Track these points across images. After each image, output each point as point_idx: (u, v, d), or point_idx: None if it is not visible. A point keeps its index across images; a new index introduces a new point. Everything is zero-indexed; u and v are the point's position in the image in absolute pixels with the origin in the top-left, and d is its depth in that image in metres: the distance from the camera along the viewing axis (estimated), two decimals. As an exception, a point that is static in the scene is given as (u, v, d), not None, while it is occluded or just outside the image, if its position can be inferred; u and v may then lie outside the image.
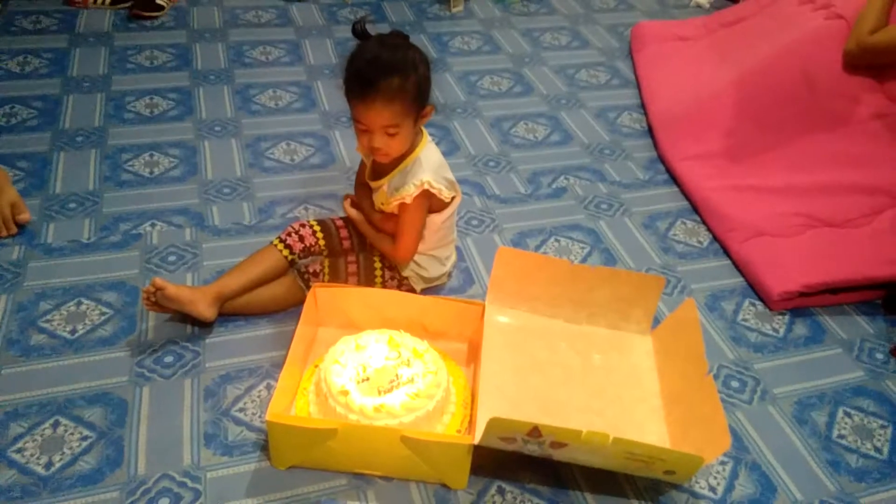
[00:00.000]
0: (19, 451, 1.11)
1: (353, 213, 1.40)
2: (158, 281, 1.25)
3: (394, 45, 1.23)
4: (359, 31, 1.25)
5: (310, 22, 2.50)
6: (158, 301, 1.26)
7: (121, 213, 1.60)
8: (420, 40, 2.44)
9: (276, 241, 1.39)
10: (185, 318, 1.33)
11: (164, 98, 2.01)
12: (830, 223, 1.68)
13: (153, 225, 1.57)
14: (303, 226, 1.41)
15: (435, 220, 1.37)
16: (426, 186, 1.27)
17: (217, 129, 1.91)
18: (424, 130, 1.34)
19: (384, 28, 1.27)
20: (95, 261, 1.47)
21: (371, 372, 1.17)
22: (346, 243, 1.42)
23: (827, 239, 1.64)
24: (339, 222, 1.44)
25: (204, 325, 1.34)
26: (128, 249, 1.50)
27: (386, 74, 1.18)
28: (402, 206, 1.30)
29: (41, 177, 1.68)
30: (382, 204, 1.35)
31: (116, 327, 1.33)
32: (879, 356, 1.46)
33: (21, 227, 1.52)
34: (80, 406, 1.19)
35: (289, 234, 1.39)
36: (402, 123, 1.22)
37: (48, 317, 1.34)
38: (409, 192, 1.27)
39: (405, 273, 1.42)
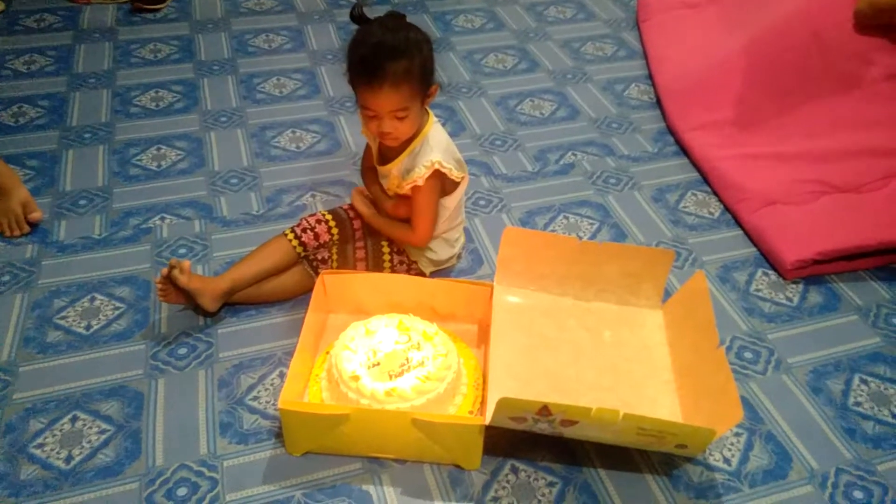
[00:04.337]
0: (39, 446, 1.14)
1: (364, 209, 1.39)
2: (176, 262, 1.26)
3: (396, 28, 1.22)
4: (357, 16, 1.24)
5: (311, 7, 2.49)
6: (174, 278, 1.26)
7: (130, 207, 1.61)
8: (423, 20, 2.42)
9: (289, 235, 1.37)
10: (197, 308, 1.34)
11: (169, 91, 2.02)
12: (844, 188, 1.65)
13: (163, 218, 1.58)
14: (319, 222, 1.39)
15: (446, 203, 1.37)
16: (437, 167, 1.27)
17: (223, 119, 1.91)
18: (430, 111, 1.33)
19: (387, 9, 1.25)
20: (107, 256, 1.48)
21: (381, 356, 1.17)
22: (359, 233, 1.42)
23: (841, 205, 1.61)
24: (353, 212, 1.43)
25: (215, 316, 1.35)
26: (139, 244, 1.52)
27: (392, 58, 1.17)
28: (415, 188, 1.29)
29: (51, 175, 1.69)
30: (397, 188, 1.34)
31: (130, 321, 1.35)
32: (896, 321, 1.44)
33: (33, 225, 1.54)
34: (97, 400, 1.21)
35: (304, 231, 1.37)
36: (411, 106, 1.22)
37: (63, 313, 1.36)
38: (421, 173, 1.27)
39: (414, 257, 1.42)
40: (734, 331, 1.40)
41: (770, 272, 1.54)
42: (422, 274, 1.43)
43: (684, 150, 1.89)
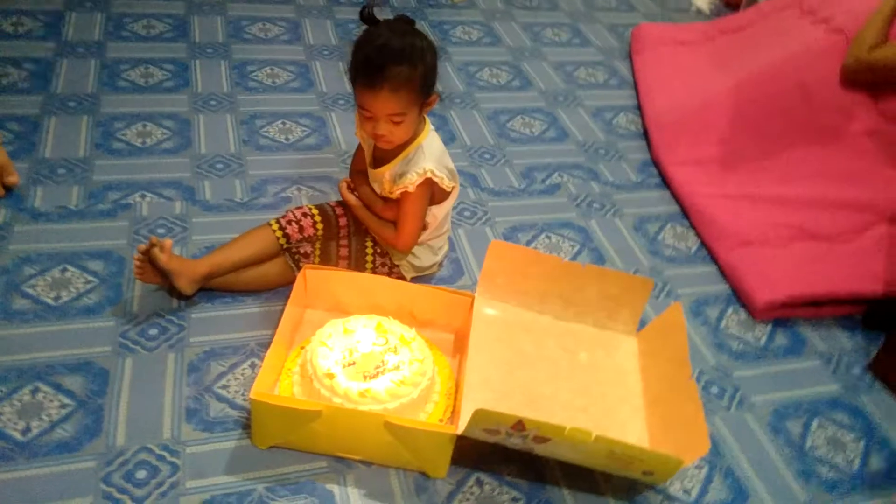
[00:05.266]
0: (-3, 415, 1.10)
1: (351, 198, 1.38)
2: (156, 240, 1.24)
3: (402, 32, 1.22)
4: (366, 16, 1.25)
5: (311, 1, 2.47)
6: (153, 256, 1.23)
7: (111, 181, 1.58)
8: (421, 28, 2.42)
9: (273, 225, 1.36)
10: (172, 290, 1.31)
11: (159, 68, 1.98)
12: (817, 236, 1.69)
13: (143, 196, 1.55)
14: (305, 215, 1.38)
15: (436, 212, 1.37)
16: (429, 175, 1.27)
17: (212, 103, 1.89)
18: (427, 118, 1.33)
19: (386, 13, 1.26)
20: (83, 228, 1.45)
21: (358, 356, 1.17)
22: (343, 231, 1.41)
23: (813, 252, 1.66)
24: (339, 210, 1.42)
25: (190, 299, 1.33)
26: (116, 219, 1.49)
27: (394, 62, 1.17)
28: (405, 194, 1.29)
29: (31, 140, 1.65)
30: (389, 193, 1.34)
31: (101, 296, 1.32)
32: (856, 371, 1.48)
33: (8, 189, 1.50)
34: (60, 373, 1.18)
35: (289, 222, 1.36)
36: (408, 112, 1.22)
37: (32, 282, 1.32)
38: (412, 180, 1.27)
39: (397, 260, 1.41)
40: (702, 364, 1.43)
41: (741, 311, 1.57)
42: (402, 278, 1.43)
43: (667, 183, 1.93)
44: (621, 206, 1.81)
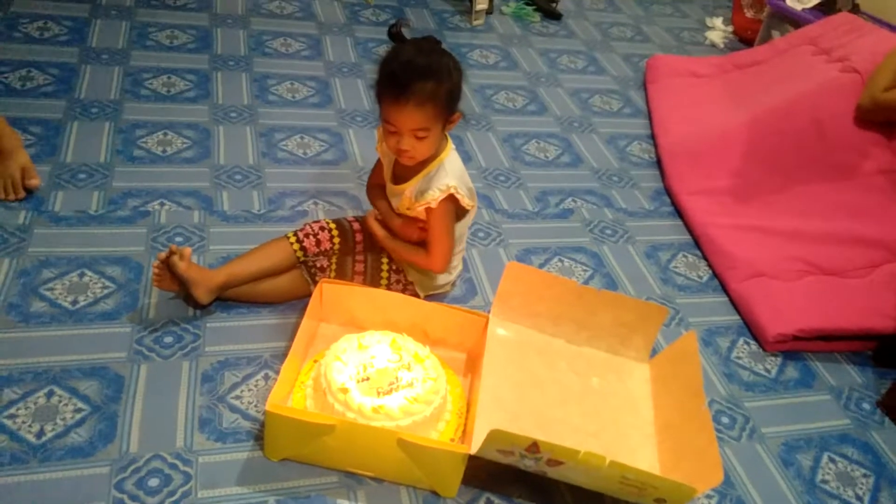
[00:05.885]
0: (11, 417, 1.10)
1: (380, 231, 1.39)
2: (176, 248, 1.25)
3: (429, 50, 1.24)
4: (394, 34, 1.26)
5: (332, 19, 2.50)
6: (172, 264, 1.24)
7: (130, 188, 1.59)
8: (439, 49, 2.45)
9: (291, 238, 1.37)
10: (189, 298, 1.32)
11: (181, 78, 2.01)
12: (829, 271, 1.70)
13: (162, 204, 1.57)
14: (322, 229, 1.39)
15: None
16: (452, 191, 1.28)
17: (232, 115, 1.91)
18: (448, 137, 1.35)
19: (408, 35, 1.28)
20: (101, 234, 1.46)
21: (372, 372, 1.17)
22: (360, 247, 1.42)
23: (824, 286, 1.66)
24: (356, 225, 1.43)
25: (206, 308, 1.33)
26: (135, 226, 1.50)
27: (421, 78, 1.19)
28: (430, 212, 1.30)
29: (53, 144, 1.67)
30: (408, 209, 1.35)
31: (118, 302, 1.32)
32: (866, 406, 1.48)
33: (30, 192, 1.51)
34: (76, 378, 1.18)
35: (307, 236, 1.37)
36: (432, 128, 1.23)
37: (50, 285, 1.33)
38: (435, 196, 1.28)
39: (411, 278, 1.42)
40: (713, 394, 1.43)
41: (751, 342, 1.58)
42: (416, 295, 1.43)
43: (679, 213, 1.94)
44: (633, 233, 1.82)
